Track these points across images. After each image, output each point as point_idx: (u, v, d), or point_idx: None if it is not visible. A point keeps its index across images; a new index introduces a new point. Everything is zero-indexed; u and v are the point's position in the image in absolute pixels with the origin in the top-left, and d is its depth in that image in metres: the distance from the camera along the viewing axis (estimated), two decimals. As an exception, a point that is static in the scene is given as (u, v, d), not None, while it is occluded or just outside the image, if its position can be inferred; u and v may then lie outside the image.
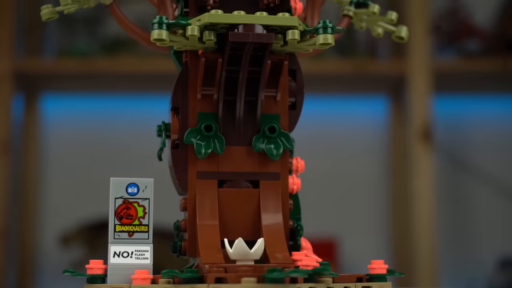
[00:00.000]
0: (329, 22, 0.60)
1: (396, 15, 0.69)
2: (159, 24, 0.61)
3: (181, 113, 0.66)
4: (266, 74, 0.63)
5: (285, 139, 0.65)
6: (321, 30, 0.60)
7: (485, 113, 2.03)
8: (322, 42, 0.60)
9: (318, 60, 1.80)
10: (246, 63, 0.62)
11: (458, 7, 1.98)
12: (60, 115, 2.00)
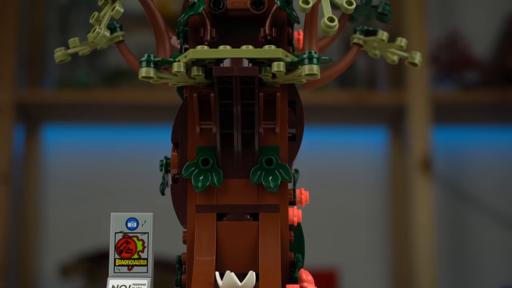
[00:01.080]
0: (315, 52, 0.60)
1: (405, 42, 0.69)
2: (147, 62, 0.62)
3: (180, 147, 0.67)
4: (260, 106, 0.64)
5: (284, 171, 0.65)
6: (306, 60, 0.60)
7: (484, 143, 2.04)
8: (307, 73, 0.60)
9: (318, 91, 1.80)
10: (238, 96, 0.63)
11: (456, 38, 1.99)
12: (60, 146, 2.01)
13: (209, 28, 0.66)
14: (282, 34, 0.66)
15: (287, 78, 0.62)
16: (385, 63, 1.99)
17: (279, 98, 0.63)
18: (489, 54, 2.02)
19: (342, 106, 1.87)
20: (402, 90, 1.83)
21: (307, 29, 0.65)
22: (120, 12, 0.64)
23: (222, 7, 0.66)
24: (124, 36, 0.72)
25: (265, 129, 0.66)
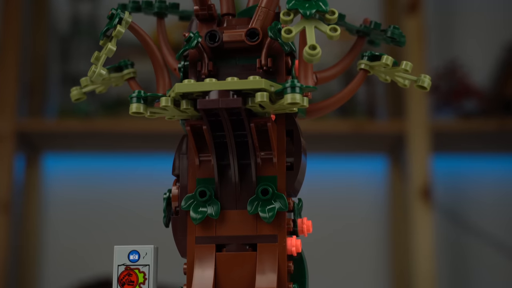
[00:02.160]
0: (297, 81, 0.60)
1: (410, 65, 0.67)
2: (137, 98, 0.63)
3: (181, 180, 0.68)
4: (254, 137, 0.64)
5: (280, 200, 0.65)
6: (289, 89, 0.60)
7: (483, 172, 2.04)
8: (289, 102, 0.60)
9: (318, 119, 1.81)
10: (229, 128, 0.63)
11: (455, 67, 2.00)
12: (61, 175, 2.01)
13: (206, 62, 0.67)
14: (279, 63, 0.67)
15: (275, 107, 0.62)
16: (385, 92, 2.00)
17: (271, 128, 0.63)
18: (488, 83, 2.03)
19: (342, 134, 1.88)
20: (402, 119, 1.84)
21: (301, 58, 0.65)
22: (112, 51, 0.65)
23: (218, 40, 0.67)
24: (135, 73, 0.73)
25: (263, 159, 0.66)
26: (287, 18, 0.59)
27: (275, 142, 0.65)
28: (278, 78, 0.66)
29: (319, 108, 0.70)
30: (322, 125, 1.82)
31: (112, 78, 0.75)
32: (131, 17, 0.68)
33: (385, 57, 0.68)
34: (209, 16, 0.68)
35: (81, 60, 1.94)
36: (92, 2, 1.98)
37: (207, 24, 0.68)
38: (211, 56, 0.67)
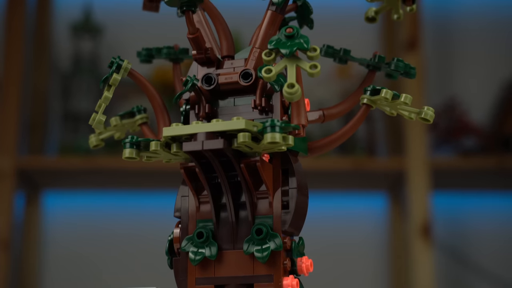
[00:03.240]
0: (277, 120, 0.60)
1: (410, 98, 0.67)
2: (130, 143, 0.64)
3: (182, 222, 0.68)
4: (246, 177, 0.64)
5: (275, 240, 0.65)
6: (269, 129, 0.60)
7: (483, 209, 2.04)
8: (269, 141, 0.59)
9: (318, 157, 1.81)
10: (219, 169, 0.64)
11: (454, 105, 2.01)
12: (61, 213, 2.01)
13: (204, 104, 0.67)
14: (274, 102, 0.67)
15: (262, 147, 0.62)
16: (385, 130, 2.00)
17: (260, 167, 0.64)
18: (487, 121, 2.03)
19: (342, 172, 1.88)
20: (402, 157, 1.84)
21: None
22: (108, 98, 0.66)
23: (214, 83, 0.67)
24: (147, 118, 0.74)
25: (259, 198, 0.66)
26: (268, 58, 0.60)
27: (269, 181, 0.65)
28: (274, 117, 0.66)
29: (321, 146, 0.70)
30: (322, 162, 1.83)
31: (125, 124, 0.76)
32: (130, 64, 0.68)
33: (384, 91, 0.67)
34: (207, 59, 0.68)
35: (82, 98, 1.95)
36: (93, 40, 2.00)
37: (207, 67, 0.69)
38: (209, 99, 0.68)
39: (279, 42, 0.59)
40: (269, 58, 0.60)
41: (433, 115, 0.68)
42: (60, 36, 2.07)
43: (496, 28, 2.13)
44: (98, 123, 0.67)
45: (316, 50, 0.58)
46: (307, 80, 1.92)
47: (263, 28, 0.67)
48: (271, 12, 0.67)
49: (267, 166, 0.65)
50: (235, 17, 1.07)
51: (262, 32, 0.67)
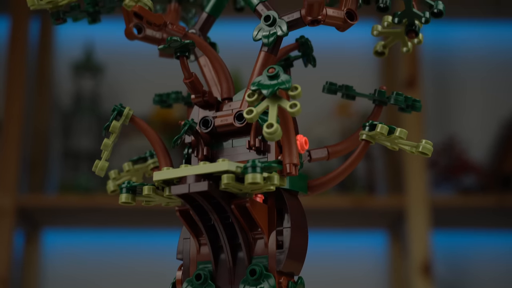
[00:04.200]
0: (258, 161, 0.60)
1: (405, 132, 0.66)
2: (126, 188, 0.65)
3: (184, 264, 0.68)
4: (238, 218, 0.64)
5: (269, 280, 0.64)
6: (250, 169, 0.60)
7: (483, 247, 2.04)
8: (250, 182, 0.59)
9: (317, 195, 1.81)
10: (211, 211, 0.64)
11: (453, 143, 2.02)
12: (61, 251, 2.01)
13: (202, 147, 0.68)
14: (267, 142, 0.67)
15: (249, 188, 0.62)
16: (384, 167, 2.01)
17: (251, 208, 0.63)
18: (486, 159, 2.04)
19: (342, 210, 1.88)
20: (401, 195, 1.84)
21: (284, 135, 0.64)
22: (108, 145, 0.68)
23: (211, 125, 0.68)
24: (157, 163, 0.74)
25: (254, 238, 0.66)
26: (251, 99, 0.60)
27: (263, 221, 0.65)
28: (269, 156, 0.66)
29: (321, 183, 0.69)
30: (322, 200, 1.83)
31: (138, 169, 0.76)
32: (132, 111, 0.69)
33: (380, 126, 0.67)
34: (205, 102, 0.69)
35: (82, 136, 1.96)
36: (94, 79, 2.01)
37: (209, 110, 0.69)
38: (209, 141, 0.68)
39: (261, 83, 0.60)
40: (252, 99, 0.60)
41: (431, 149, 0.67)
42: (61, 75, 2.08)
43: (494, 67, 2.15)
44: (100, 170, 0.68)
45: (297, 88, 0.59)
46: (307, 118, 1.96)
47: (256, 69, 0.68)
48: (264, 53, 0.67)
49: (260, 206, 0.65)
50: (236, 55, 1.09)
51: (255, 73, 0.68)
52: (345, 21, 0.67)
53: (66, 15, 0.74)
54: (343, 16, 0.67)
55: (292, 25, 0.67)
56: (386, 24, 0.71)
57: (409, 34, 0.71)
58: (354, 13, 0.67)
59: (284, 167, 0.63)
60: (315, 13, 0.65)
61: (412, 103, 0.73)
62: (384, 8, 0.69)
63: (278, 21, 0.66)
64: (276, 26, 0.66)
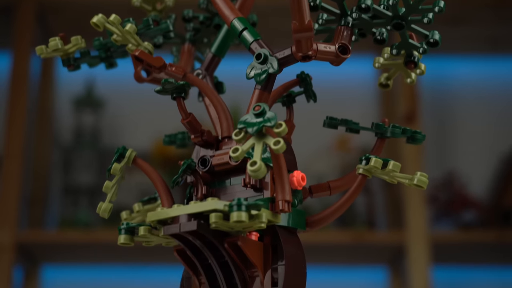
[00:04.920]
0: (244, 199, 0.60)
1: (398, 165, 0.66)
2: (125, 230, 0.66)
3: None
4: (233, 256, 0.64)
5: None
6: (235, 207, 0.59)
7: (483, 283, 2.03)
8: (235, 220, 0.59)
9: (318, 231, 1.81)
10: (205, 250, 0.64)
11: (453, 178, 2.02)
12: (60, 287, 2.00)
13: (201, 186, 0.68)
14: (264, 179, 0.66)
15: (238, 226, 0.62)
16: (384, 203, 2.01)
17: (243, 246, 0.63)
18: (486, 194, 2.04)
19: (342, 245, 1.88)
20: (402, 230, 1.84)
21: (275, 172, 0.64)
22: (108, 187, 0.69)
23: (208, 164, 0.68)
24: None
25: (250, 276, 0.66)
26: (237, 137, 0.60)
27: (257, 259, 0.65)
28: (265, 194, 0.66)
29: (320, 219, 0.69)
30: (322, 235, 1.82)
31: (147, 209, 0.77)
32: (134, 152, 0.70)
33: (374, 160, 0.66)
34: (204, 142, 0.69)
35: (82, 171, 1.96)
36: (95, 114, 2.02)
37: (210, 149, 0.70)
38: (208, 180, 0.69)
39: (246, 121, 0.60)
40: (238, 138, 0.60)
41: (426, 181, 0.66)
42: (62, 110, 2.09)
43: (493, 102, 2.16)
44: (104, 211, 0.69)
45: (282, 125, 0.59)
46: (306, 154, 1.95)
47: (251, 107, 0.67)
48: (258, 91, 0.67)
49: (254, 244, 0.65)
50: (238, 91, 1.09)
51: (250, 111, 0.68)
52: (338, 56, 0.67)
53: (79, 61, 0.76)
54: (335, 50, 0.67)
55: (284, 62, 0.67)
56: (386, 56, 0.72)
57: (408, 65, 0.71)
58: (347, 47, 0.67)
59: (277, 204, 0.62)
60: (305, 49, 0.65)
61: (412, 135, 0.73)
62: (381, 40, 0.69)
63: (270, 58, 0.66)
64: (267, 64, 0.66)
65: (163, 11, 0.79)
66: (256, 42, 0.68)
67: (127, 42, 0.72)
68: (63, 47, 0.74)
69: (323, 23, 0.71)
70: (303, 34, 0.64)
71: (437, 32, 0.67)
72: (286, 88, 0.75)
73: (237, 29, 0.69)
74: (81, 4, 1.96)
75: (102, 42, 0.75)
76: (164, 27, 0.75)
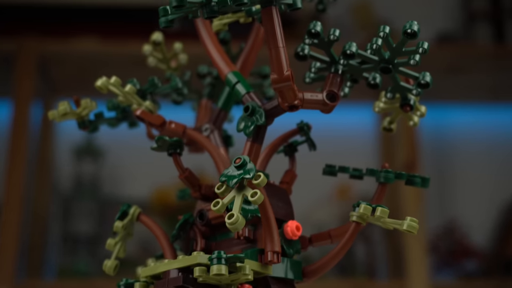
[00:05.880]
0: (224, 252, 0.60)
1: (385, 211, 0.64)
2: (124, 286, 0.68)
3: None
4: None
5: None
6: (215, 260, 0.60)
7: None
8: (215, 273, 0.59)
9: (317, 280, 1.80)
10: None
11: (454, 227, 2.01)
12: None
13: (199, 240, 0.69)
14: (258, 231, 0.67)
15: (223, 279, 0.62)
16: (385, 252, 2.00)
17: None
18: (488, 243, 2.03)
19: (342, 295, 1.86)
20: (402, 279, 1.83)
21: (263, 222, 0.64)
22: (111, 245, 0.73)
23: (205, 218, 0.68)
24: None
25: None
26: (219, 190, 0.60)
27: None
28: (258, 244, 0.66)
29: (315, 269, 0.68)
30: (321, 285, 1.81)
31: None
32: (138, 209, 0.71)
33: (363, 206, 0.66)
34: (202, 196, 0.69)
35: (81, 220, 1.96)
36: (95, 163, 2.02)
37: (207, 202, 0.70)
38: (208, 233, 0.69)
39: (228, 174, 0.60)
40: (221, 191, 0.60)
41: (416, 226, 0.64)
42: (62, 159, 2.09)
43: (493, 151, 2.16)
44: (110, 269, 0.72)
45: (260, 177, 0.59)
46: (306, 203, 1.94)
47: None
48: (249, 143, 0.68)
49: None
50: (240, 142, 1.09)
51: None
52: (326, 103, 0.67)
53: (96, 123, 0.77)
54: (322, 98, 0.67)
55: (272, 113, 0.67)
56: (383, 100, 0.72)
57: (404, 107, 0.71)
58: (335, 93, 0.67)
59: (266, 255, 0.63)
60: (290, 99, 0.65)
61: (409, 179, 0.72)
62: (374, 85, 0.69)
63: (257, 111, 0.66)
64: (255, 116, 0.67)
65: (178, 69, 0.81)
66: (247, 94, 0.68)
67: (130, 102, 0.74)
68: (73, 110, 0.75)
69: (316, 71, 0.71)
70: (282, 85, 0.64)
71: (428, 74, 0.67)
72: (286, 137, 0.75)
73: (231, 82, 0.70)
74: (82, 54, 1.97)
75: (115, 103, 0.76)
76: (173, 84, 0.76)
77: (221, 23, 0.72)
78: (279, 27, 0.63)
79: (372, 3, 2.16)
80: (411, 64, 0.66)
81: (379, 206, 0.65)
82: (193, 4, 0.60)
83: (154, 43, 0.79)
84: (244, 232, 0.66)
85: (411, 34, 0.64)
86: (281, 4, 0.63)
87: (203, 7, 0.61)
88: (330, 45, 0.67)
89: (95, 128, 0.78)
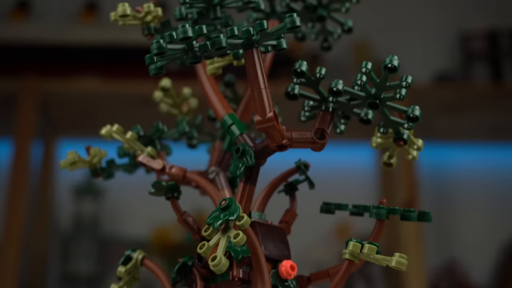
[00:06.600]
0: None
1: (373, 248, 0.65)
2: None
3: None
4: None
5: None
6: None
7: None
8: None
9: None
10: None
11: (454, 266, 2.01)
12: None
13: (198, 282, 0.69)
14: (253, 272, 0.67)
15: None
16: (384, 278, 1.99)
17: None
18: (488, 282, 2.02)
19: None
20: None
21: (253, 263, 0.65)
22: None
23: (203, 260, 0.68)
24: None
25: None
26: (206, 233, 0.60)
27: None
28: (253, 285, 0.66)
29: None
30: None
31: None
32: (142, 253, 0.71)
33: (351, 244, 0.65)
34: (201, 238, 0.69)
35: (81, 260, 1.95)
36: (95, 202, 2.02)
37: None
38: (207, 275, 0.69)
39: (214, 216, 0.60)
40: (207, 233, 0.60)
41: (405, 262, 0.64)
42: (61, 198, 2.09)
43: (493, 190, 2.16)
44: None
45: (244, 218, 0.59)
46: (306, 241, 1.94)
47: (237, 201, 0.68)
48: (242, 184, 0.68)
49: None
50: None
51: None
52: (314, 142, 0.67)
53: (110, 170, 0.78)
54: (310, 136, 0.67)
55: (263, 153, 0.67)
56: (379, 135, 0.72)
57: (397, 142, 0.71)
58: (324, 131, 0.67)
59: None
60: (277, 140, 0.66)
61: (404, 214, 0.72)
62: (366, 120, 0.70)
63: (247, 152, 0.67)
64: (245, 157, 0.67)
65: (190, 113, 0.81)
66: (240, 136, 0.69)
67: (133, 149, 0.75)
68: (81, 158, 0.76)
69: (309, 109, 0.72)
70: (265, 126, 0.64)
71: (418, 108, 0.67)
72: (285, 176, 0.75)
73: (226, 123, 0.71)
74: (82, 94, 1.98)
75: (125, 150, 0.77)
76: (180, 129, 0.77)
77: (214, 67, 0.73)
78: (260, 69, 0.64)
79: (371, 43, 2.18)
80: (398, 99, 0.66)
81: (368, 243, 0.65)
82: (175, 50, 0.61)
83: (162, 89, 0.80)
84: (239, 273, 0.66)
85: (391, 69, 0.64)
86: (264, 46, 0.63)
87: (185, 53, 0.61)
88: (317, 83, 0.68)
89: (110, 175, 0.79)
